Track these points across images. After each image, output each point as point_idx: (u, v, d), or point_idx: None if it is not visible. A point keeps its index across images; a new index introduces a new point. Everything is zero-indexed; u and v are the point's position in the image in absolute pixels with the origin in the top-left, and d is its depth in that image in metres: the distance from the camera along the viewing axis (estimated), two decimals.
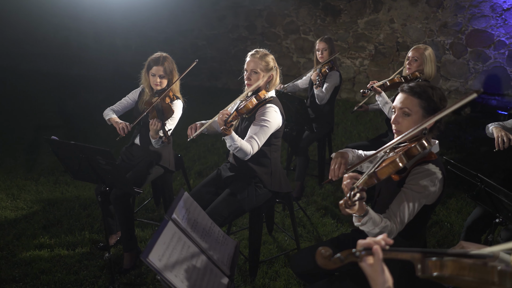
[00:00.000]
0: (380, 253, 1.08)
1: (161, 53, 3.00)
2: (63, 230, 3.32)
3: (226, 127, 2.21)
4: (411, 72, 3.12)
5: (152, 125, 2.70)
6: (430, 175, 1.67)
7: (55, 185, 4.12)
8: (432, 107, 1.73)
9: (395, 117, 1.80)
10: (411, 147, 1.65)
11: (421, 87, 1.76)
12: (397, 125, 1.79)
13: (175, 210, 1.47)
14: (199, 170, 4.39)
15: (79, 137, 5.41)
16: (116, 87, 7.65)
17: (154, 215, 3.52)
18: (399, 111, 1.78)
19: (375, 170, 1.59)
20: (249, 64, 2.51)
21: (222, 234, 1.65)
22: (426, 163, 1.71)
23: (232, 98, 2.67)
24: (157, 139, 2.78)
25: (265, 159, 2.50)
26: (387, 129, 3.50)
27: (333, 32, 6.96)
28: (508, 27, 5.87)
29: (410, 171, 1.73)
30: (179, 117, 3.02)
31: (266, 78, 2.50)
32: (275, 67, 2.54)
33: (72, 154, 2.24)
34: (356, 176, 1.55)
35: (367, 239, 1.14)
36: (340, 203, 1.47)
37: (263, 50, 2.55)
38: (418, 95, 1.74)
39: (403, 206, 1.65)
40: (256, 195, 2.47)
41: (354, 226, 1.71)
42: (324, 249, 1.15)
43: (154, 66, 2.91)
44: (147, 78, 3.00)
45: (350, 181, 1.53)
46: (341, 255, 1.14)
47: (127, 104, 3.16)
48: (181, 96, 3.08)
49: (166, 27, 8.03)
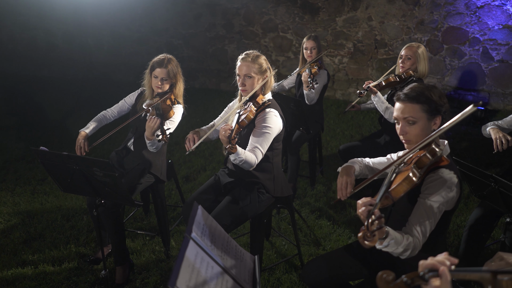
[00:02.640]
0: (448, 275, 1.01)
1: (166, 55, 2.87)
2: (46, 244, 3.11)
3: (231, 145, 2.06)
4: (404, 70, 3.10)
5: (149, 121, 2.52)
6: (446, 181, 1.63)
7: (33, 195, 3.88)
8: (434, 107, 1.70)
9: (401, 127, 1.74)
10: (421, 157, 1.60)
11: (416, 91, 1.71)
12: (405, 136, 1.74)
13: (193, 227, 1.36)
14: (186, 174, 4.25)
15: (52, 143, 5.14)
16: (88, 89, 7.37)
17: (143, 224, 3.37)
18: (403, 121, 1.73)
19: (389, 190, 1.52)
20: (241, 69, 2.40)
21: (239, 248, 1.56)
22: (439, 169, 1.66)
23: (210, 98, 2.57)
24: (152, 141, 2.61)
25: (267, 164, 2.41)
26: (378, 128, 3.49)
27: (312, 30, 6.94)
28: (482, 24, 6.02)
29: (424, 179, 1.68)
30: (178, 122, 2.88)
31: (261, 81, 2.40)
32: (269, 68, 2.44)
33: (63, 166, 2.07)
34: (371, 202, 1.48)
35: (429, 259, 1.07)
36: (359, 236, 1.38)
37: (254, 51, 2.44)
38: (416, 100, 1.70)
39: (423, 218, 1.59)
40: (259, 201, 2.38)
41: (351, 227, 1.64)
42: (386, 274, 1.06)
43: (157, 68, 2.77)
44: (149, 79, 2.86)
45: (366, 208, 1.46)
46: (407, 279, 1.05)
47: (123, 107, 3.00)
48: (182, 102, 2.95)
49: (140, 26, 7.77)
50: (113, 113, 2.99)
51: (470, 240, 2.47)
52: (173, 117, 2.78)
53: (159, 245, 3.07)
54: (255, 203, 2.35)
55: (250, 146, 2.28)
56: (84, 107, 6.50)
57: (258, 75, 2.38)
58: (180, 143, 5.10)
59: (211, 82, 7.74)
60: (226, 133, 2.09)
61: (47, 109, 6.50)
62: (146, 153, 2.82)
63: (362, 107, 3.54)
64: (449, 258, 1.05)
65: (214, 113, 6.29)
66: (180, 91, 2.92)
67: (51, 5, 7.69)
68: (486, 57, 6.08)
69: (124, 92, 3.15)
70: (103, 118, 2.95)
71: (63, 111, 6.41)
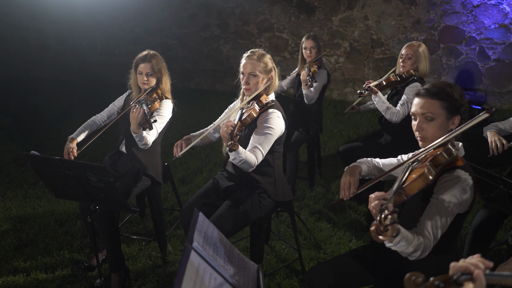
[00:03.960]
0: (482, 279, 0.93)
1: (149, 50, 2.83)
2: (38, 250, 3.01)
3: (233, 141, 1.99)
4: (405, 70, 3.05)
5: (132, 113, 2.45)
6: (461, 182, 1.57)
7: (25, 199, 3.77)
8: (454, 105, 1.64)
9: (418, 123, 1.69)
10: (437, 155, 1.54)
11: (438, 87, 1.66)
12: (421, 132, 1.68)
13: (195, 236, 1.28)
14: (182, 176, 4.16)
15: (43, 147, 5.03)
16: (82, 90, 7.25)
17: (139, 228, 3.28)
18: (421, 116, 1.68)
19: (402, 186, 1.46)
20: (246, 67, 2.32)
21: (242, 257, 1.48)
22: (454, 169, 1.60)
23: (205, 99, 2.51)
24: (139, 134, 2.52)
25: (268, 167, 2.33)
26: (376, 128, 3.43)
27: (308, 29, 6.88)
28: (478, 23, 5.99)
29: (437, 180, 1.62)
30: (168, 118, 2.79)
31: (266, 80, 2.33)
32: (274, 68, 2.37)
33: (56, 171, 1.98)
34: (384, 196, 1.43)
35: (461, 261, 0.99)
36: (371, 230, 1.33)
37: (260, 50, 2.37)
38: (437, 96, 1.64)
39: (435, 219, 1.53)
40: (260, 206, 2.30)
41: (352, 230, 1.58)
42: (415, 275, 0.99)
43: (141, 64, 2.73)
44: (134, 77, 2.81)
45: (378, 202, 1.40)
46: (438, 282, 0.97)
47: (112, 110, 2.93)
48: (171, 97, 2.88)
49: (134, 26, 7.67)
50: (102, 117, 2.92)
51: (474, 242, 2.42)
52: (161, 111, 2.71)
53: (156, 250, 2.99)
54: (256, 208, 2.28)
55: (251, 146, 2.20)
56: (78, 109, 6.40)
57: (263, 74, 2.31)
58: None
59: (206, 83, 7.65)
60: (228, 129, 2.02)
61: (40, 111, 6.38)
62: (139, 154, 2.75)
63: (362, 108, 3.48)
64: (483, 261, 0.98)
65: (210, 114, 6.23)
66: (167, 86, 2.85)
67: (44, 5, 7.57)
68: (482, 56, 6.06)
69: (118, 93, 3.07)
70: (93, 124, 2.87)
71: (56, 113, 6.30)
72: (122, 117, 2.77)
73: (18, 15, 7.85)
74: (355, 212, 3.43)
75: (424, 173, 1.48)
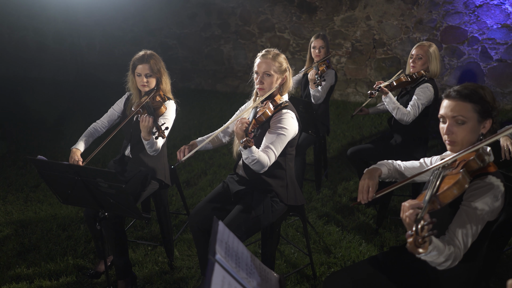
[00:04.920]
0: None
1: (146, 50, 2.74)
2: (42, 256, 2.94)
3: (249, 138, 1.94)
4: (416, 70, 3.00)
5: (142, 121, 2.39)
6: (493, 189, 1.50)
7: (26, 203, 3.69)
8: (486, 108, 1.58)
9: (448, 126, 1.62)
10: (469, 161, 1.48)
11: (469, 89, 1.60)
12: (451, 136, 1.61)
13: (217, 248, 1.22)
14: (186, 179, 4.10)
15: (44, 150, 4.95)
16: (80, 90, 7.17)
17: (144, 232, 3.21)
18: (452, 120, 1.61)
19: (436, 194, 1.40)
20: (260, 66, 2.26)
21: (263, 267, 1.42)
22: (485, 176, 1.54)
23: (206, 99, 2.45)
24: (150, 141, 2.47)
25: (280, 170, 2.28)
26: (379, 129, 3.37)
27: (309, 29, 6.83)
28: (480, 23, 5.97)
29: None
30: (173, 119, 2.73)
31: (280, 80, 2.27)
32: (288, 68, 2.31)
33: (63, 176, 1.91)
34: (419, 205, 1.36)
35: None
36: (409, 242, 1.26)
37: (274, 49, 2.31)
38: (469, 98, 1.58)
39: (465, 227, 1.47)
40: (272, 210, 2.25)
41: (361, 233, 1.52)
42: None
43: (139, 65, 2.65)
44: (133, 79, 2.73)
45: (413, 211, 1.34)
46: None
47: (112, 116, 2.85)
48: (173, 97, 2.81)
49: (133, 26, 7.59)
50: (103, 124, 2.84)
51: (490, 247, 2.38)
52: (166, 113, 2.64)
53: (162, 255, 2.92)
54: (268, 212, 2.22)
55: (263, 145, 2.15)
56: (77, 109, 6.31)
57: (277, 74, 2.25)
58: (178, 146, 4.94)
59: (206, 83, 7.59)
60: (243, 125, 1.97)
61: (38, 112, 6.29)
62: (146, 159, 2.68)
63: (371, 111, 3.42)
64: None
65: (211, 115, 6.17)
66: (168, 86, 2.78)
67: (42, 4, 7.48)
68: (485, 56, 6.04)
69: (117, 94, 3.00)
70: (94, 131, 2.79)
71: (55, 114, 6.21)
72: (128, 122, 2.69)
73: (15, 14, 7.75)
74: (364, 215, 3.38)
75: (459, 181, 1.42)
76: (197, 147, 2.39)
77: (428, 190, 1.44)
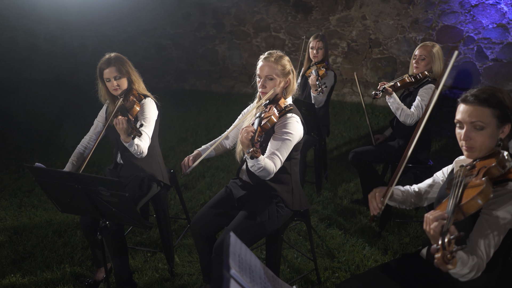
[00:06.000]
0: None
1: (109, 53, 2.63)
2: (37, 264, 2.85)
3: (255, 148, 1.86)
4: (419, 71, 2.96)
5: (117, 124, 2.31)
6: None
7: (20, 208, 3.59)
8: (505, 113, 1.53)
9: (466, 132, 1.57)
10: (490, 168, 1.44)
11: (487, 93, 1.55)
12: (469, 142, 1.56)
13: (230, 262, 1.16)
14: (184, 182, 4.03)
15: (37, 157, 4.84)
16: (73, 92, 7.04)
17: (143, 238, 3.14)
18: (470, 125, 1.55)
19: (460, 205, 1.34)
20: (262, 69, 2.20)
21: (277, 279, 1.37)
22: (506, 183, 1.48)
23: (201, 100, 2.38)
24: (130, 143, 2.39)
25: (286, 175, 2.22)
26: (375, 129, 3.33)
27: (305, 29, 6.79)
28: (476, 23, 5.97)
29: None
30: (154, 118, 2.62)
31: (283, 84, 2.21)
32: (292, 71, 2.25)
33: (63, 185, 1.84)
34: (443, 216, 1.31)
35: None
36: (437, 258, 1.19)
37: (277, 51, 2.24)
38: (487, 103, 1.53)
39: (487, 237, 1.42)
40: (277, 216, 2.19)
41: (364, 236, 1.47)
42: None
43: (105, 70, 2.54)
44: (103, 87, 2.62)
45: (438, 223, 1.28)
46: None
47: (97, 127, 2.75)
48: (150, 94, 2.71)
49: (127, 26, 7.48)
50: (91, 138, 2.74)
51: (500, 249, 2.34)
52: (145, 112, 2.55)
53: (162, 262, 2.85)
54: (274, 218, 2.17)
55: (269, 152, 2.09)
56: (69, 111, 6.19)
57: (280, 78, 2.19)
58: (175, 148, 4.87)
59: (201, 84, 7.50)
60: (249, 135, 1.89)
61: (30, 114, 6.16)
62: (139, 163, 2.61)
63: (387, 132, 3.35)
64: None
65: (207, 116, 6.10)
66: (141, 84, 2.68)
67: (32, 4, 7.33)
68: (480, 56, 6.04)
69: None
70: (84, 150, 2.70)
71: (47, 116, 6.09)
72: (110, 130, 2.59)
73: (5, 14, 7.60)
74: (366, 218, 3.34)
75: (484, 191, 1.36)
76: (201, 157, 2.33)
77: (451, 199, 1.39)
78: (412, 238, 3.07)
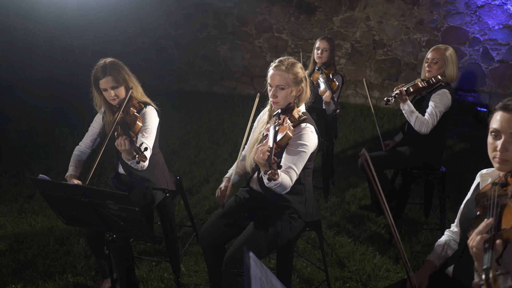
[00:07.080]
0: None
1: (104, 59, 2.45)
2: (39, 274, 2.77)
3: (273, 170, 1.74)
4: (432, 75, 2.88)
5: (119, 146, 2.16)
6: None
7: (20, 214, 3.51)
8: None
9: (503, 143, 1.44)
10: None
11: None
12: (504, 154, 1.44)
13: (252, 283, 1.08)
14: (188, 187, 3.94)
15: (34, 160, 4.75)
16: (72, 93, 6.94)
17: (147, 246, 3.05)
18: (509, 135, 1.44)
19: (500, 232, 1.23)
20: (273, 79, 2.09)
21: None
22: None
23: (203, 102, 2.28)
24: (133, 161, 2.27)
25: (299, 185, 2.14)
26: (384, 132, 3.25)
27: (308, 30, 6.71)
28: (482, 24, 5.90)
29: None
30: (155, 127, 2.50)
31: (295, 92, 2.11)
32: (305, 78, 2.15)
33: (68, 197, 1.75)
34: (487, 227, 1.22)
35: None
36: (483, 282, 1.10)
37: (289, 58, 2.13)
38: None
39: None
40: (290, 227, 2.11)
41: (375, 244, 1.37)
42: None
43: (101, 80, 2.37)
44: (99, 96, 2.47)
45: (481, 238, 1.18)
46: None
47: (93, 134, 2.62)
48: (149, 100, 2.58)
49: (127, 27, 7.38)
50: (86, 144, 2.62)
51: None
52: (146, 122, 2.42)
53: (168, 271, 2.77)
54: (287, 230, 2.09)
55: (284, 166, 1.99)
56: (69, 112, 6.10)
57: (292, 87, 2.09)
58: (177, 151, 4.79)
59: (203, 85, 7.42)
60: (265, 155, 1.77)
61: (29, 115, 6.07)
62: (140, 173, 2.50)
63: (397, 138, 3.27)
64: None
65: (209, 118, 6.01)
66: (139, 90, 2.53)
67: (31, 4, 7.23)
68: (486, 57, 5.97)
69: None
70: (81, 154, 2.59)
71: (46, 117, 5.99)
72: (110, 141, 2.44)
73: (4, 14, 7.49)
74: (375, 224, 3.26)
75: None
76: (230, 183, 2.28)
77: (488, 211, 1.29)
78: (424, 245, 3.00)
